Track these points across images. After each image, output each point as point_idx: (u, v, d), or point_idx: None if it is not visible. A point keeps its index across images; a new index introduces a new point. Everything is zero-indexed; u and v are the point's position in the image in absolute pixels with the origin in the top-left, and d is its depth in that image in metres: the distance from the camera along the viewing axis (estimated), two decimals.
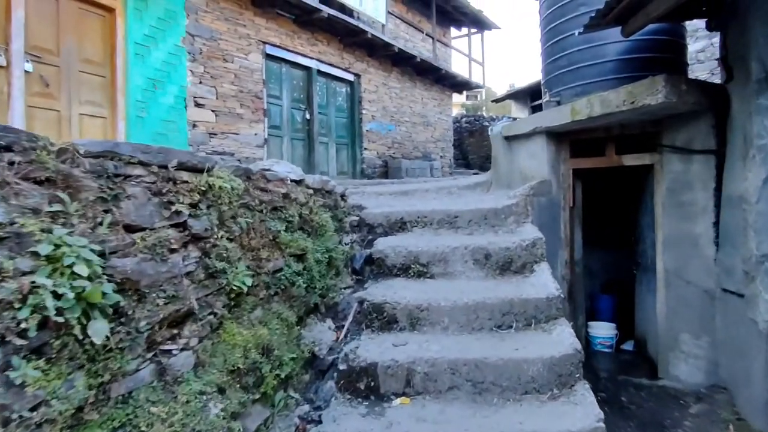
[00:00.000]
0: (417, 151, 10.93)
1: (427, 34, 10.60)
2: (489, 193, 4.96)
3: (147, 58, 5.53)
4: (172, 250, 1.85)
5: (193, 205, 2.01)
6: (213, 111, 6.34)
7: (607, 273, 5.70)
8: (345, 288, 3.30)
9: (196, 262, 1.98)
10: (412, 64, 10.07)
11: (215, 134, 6.36)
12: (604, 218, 5.34)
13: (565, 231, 4.34)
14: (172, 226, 1.89)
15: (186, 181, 2.00)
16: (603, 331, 4.68)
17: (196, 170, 2.07)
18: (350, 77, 9.02)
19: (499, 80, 74.16)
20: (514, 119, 15.08)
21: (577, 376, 2.48)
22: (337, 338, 2.87)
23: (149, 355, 1.68)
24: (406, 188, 5.12)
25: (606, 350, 4.50)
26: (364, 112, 9.28)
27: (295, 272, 2.69)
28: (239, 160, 6.38)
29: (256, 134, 6.92)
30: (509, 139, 4.66)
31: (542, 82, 4.54)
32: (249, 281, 2.20)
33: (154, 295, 1.71)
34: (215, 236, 2.09)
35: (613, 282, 5.64)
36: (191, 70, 6.05)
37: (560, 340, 2.63)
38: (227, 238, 2.18)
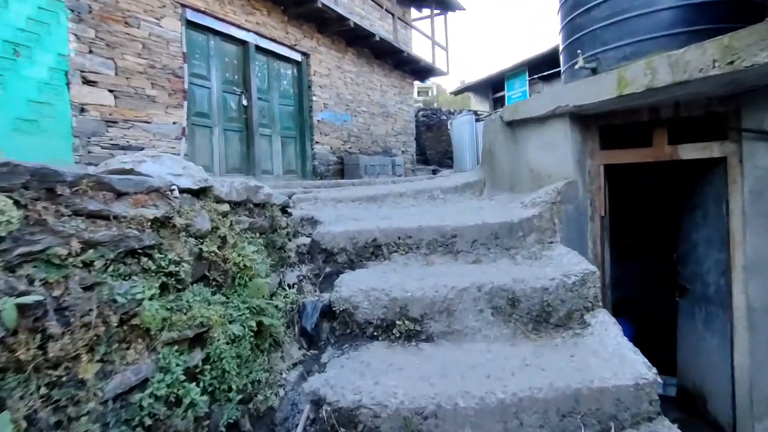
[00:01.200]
0: (376, 146, 9.63)
1: (386, 11, 9.30)
2: (484, 197, 3.76)
3: (1, 13, 3.89)
4: None
5: None
6: (111, 91, 4.75)
7: (617, 290, 4.67)
8: (290, 368, 1.96)
9: None
10: (369, 44, 8.75)
11: (115, 122, 4.78)
12: (618, 224, 4.28)
13: (594, 249, 3.21)
14: None
15: None
16: None
17: None
18: (297, 57, 7.57)
19: (450, 74, 73.86)
20: (475, 112, 14.22)
21: None
22: None
23: None
24: (373, 192, 3.83)
25: None
26: (314, 99, 7.86)
27: (182, 377, 1.33)
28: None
29: (174, 123, 5.36)
30: (513, 125, 3.45)
31: (563, 46, 3.37)
32: None
33: None
34: None
35: (627, 302, 4.63)
36: (75, 34, 4.44)
37: None
38: None
